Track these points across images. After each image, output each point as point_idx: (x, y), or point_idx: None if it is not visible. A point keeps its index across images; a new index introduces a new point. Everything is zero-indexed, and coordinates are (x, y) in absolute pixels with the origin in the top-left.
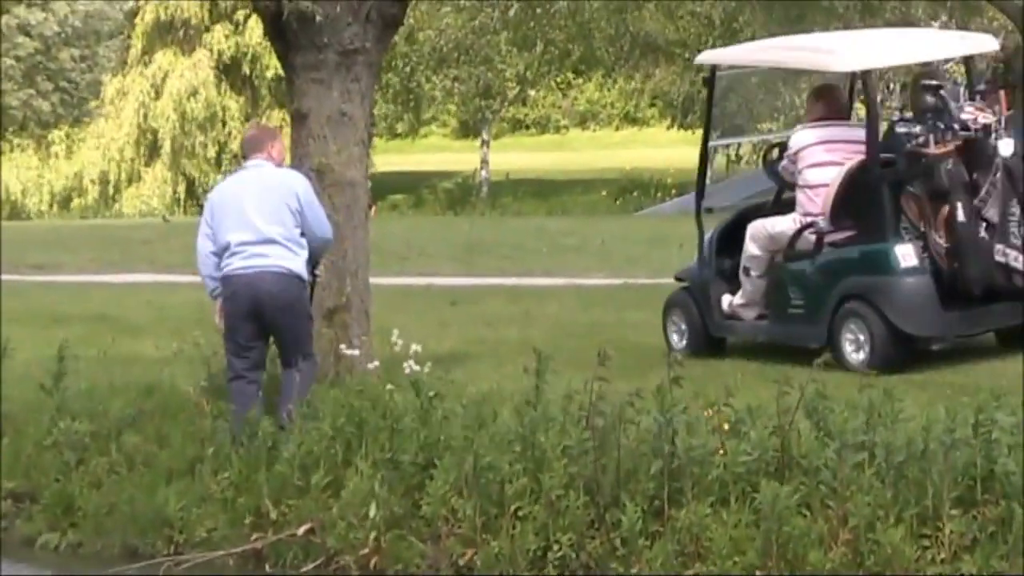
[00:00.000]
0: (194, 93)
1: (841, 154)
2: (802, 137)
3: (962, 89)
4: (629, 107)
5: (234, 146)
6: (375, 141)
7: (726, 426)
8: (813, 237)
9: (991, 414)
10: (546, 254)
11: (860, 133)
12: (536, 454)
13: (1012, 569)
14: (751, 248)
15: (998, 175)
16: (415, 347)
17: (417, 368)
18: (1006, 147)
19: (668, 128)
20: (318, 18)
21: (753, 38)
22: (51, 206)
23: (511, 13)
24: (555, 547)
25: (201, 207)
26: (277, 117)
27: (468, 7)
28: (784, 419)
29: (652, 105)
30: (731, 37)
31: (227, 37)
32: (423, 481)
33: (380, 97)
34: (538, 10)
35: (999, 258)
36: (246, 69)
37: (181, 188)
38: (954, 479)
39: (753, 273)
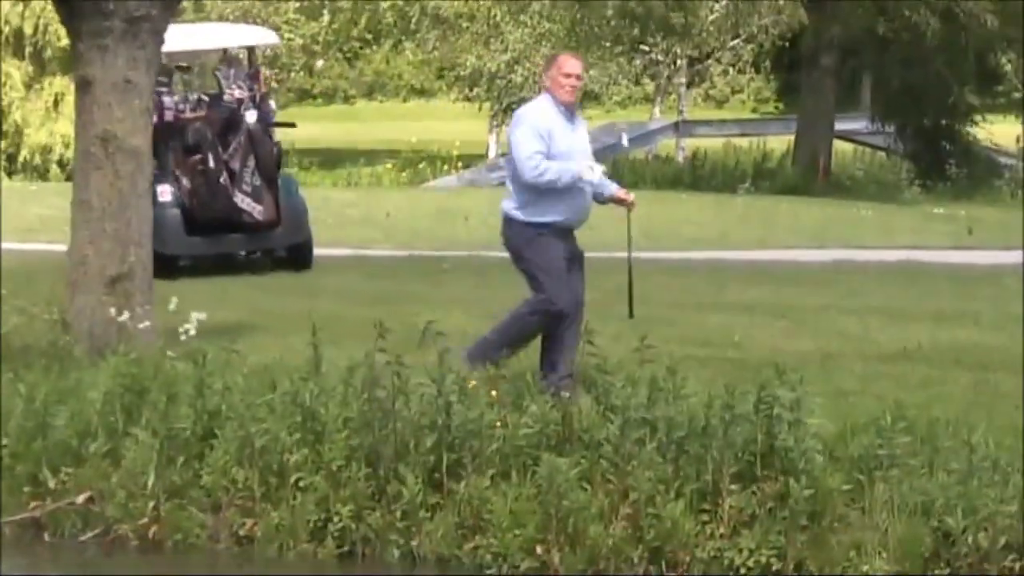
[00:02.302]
0: None
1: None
2: None
3: (233, 71)
4: (418, 79)
5: (16, 115)
6: None
7: (493, 394)
8: None
9: (773, 391)
10: (331, 225)
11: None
12: (316, 426)
13: (789, 544)
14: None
15: (242, 138)
16: (197, 315)
17: (193, 334)
18: (251, 117)
19: (454, 101)
20: None
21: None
22: None
23: None
24: (335, 518)
25: None
26: (60, 84)
27: None
28: None
29: (440, 77)
30: (520, 11)
31: (13, 5)
32: (203, 451)
33: None
34: None
35: (236, 200)
36: (32, 37)
37: None
38: (734, 455)
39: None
